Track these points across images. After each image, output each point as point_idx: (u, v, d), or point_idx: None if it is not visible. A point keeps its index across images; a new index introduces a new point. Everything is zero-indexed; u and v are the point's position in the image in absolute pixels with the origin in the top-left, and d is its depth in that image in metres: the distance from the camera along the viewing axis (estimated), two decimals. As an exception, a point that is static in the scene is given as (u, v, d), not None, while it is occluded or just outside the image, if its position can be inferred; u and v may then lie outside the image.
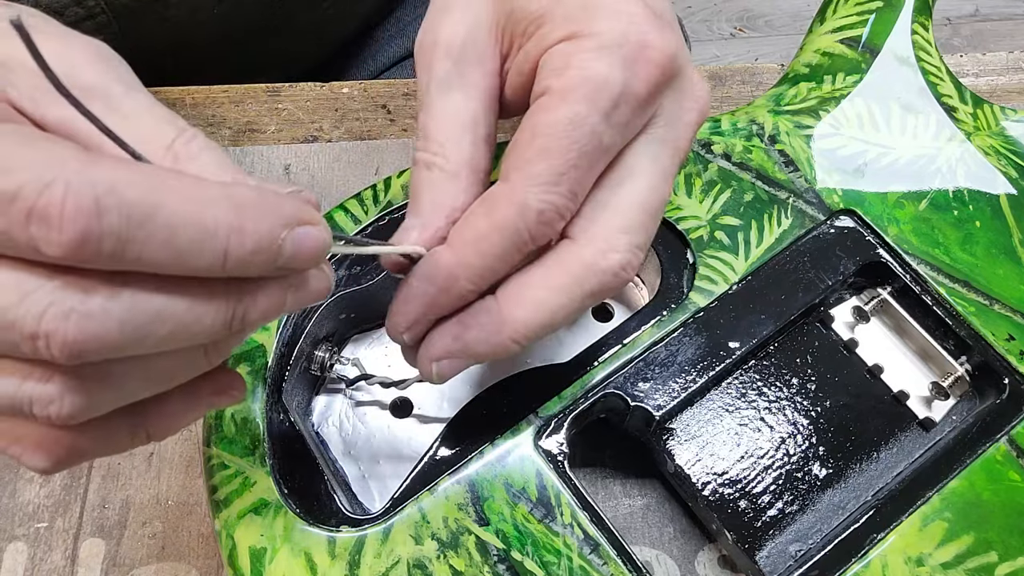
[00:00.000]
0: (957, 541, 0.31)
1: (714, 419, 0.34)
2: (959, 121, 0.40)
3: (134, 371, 0.22)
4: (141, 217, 0.19)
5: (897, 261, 0.37)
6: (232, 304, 0.22)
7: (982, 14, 1.67)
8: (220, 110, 0.47)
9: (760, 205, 0.37)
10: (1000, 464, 0.33)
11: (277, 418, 0.33)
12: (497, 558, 0.30)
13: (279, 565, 0.29)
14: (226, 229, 0.20)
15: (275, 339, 0.34)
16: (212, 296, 0.21)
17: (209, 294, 0.21)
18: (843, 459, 0.34)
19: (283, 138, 0.47)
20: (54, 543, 0.35)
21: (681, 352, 0.34)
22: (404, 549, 0.30)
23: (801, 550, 0.32)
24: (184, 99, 0.47)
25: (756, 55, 1.59)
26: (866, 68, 0.41)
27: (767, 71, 0.51)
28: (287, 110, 0.48)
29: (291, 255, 0.22)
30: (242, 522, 0.30)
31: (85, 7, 0.48)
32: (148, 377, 0.22)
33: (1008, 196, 0.38)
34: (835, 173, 0.38)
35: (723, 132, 0.39)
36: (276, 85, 0.48)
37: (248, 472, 0.31)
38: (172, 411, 0.24)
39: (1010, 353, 0.35)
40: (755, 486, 0.33)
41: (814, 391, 0.35)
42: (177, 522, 0.36)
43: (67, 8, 0.48)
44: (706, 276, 0.36)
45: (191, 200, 0.20)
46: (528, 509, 0.31)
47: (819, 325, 0.37)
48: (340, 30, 0.60)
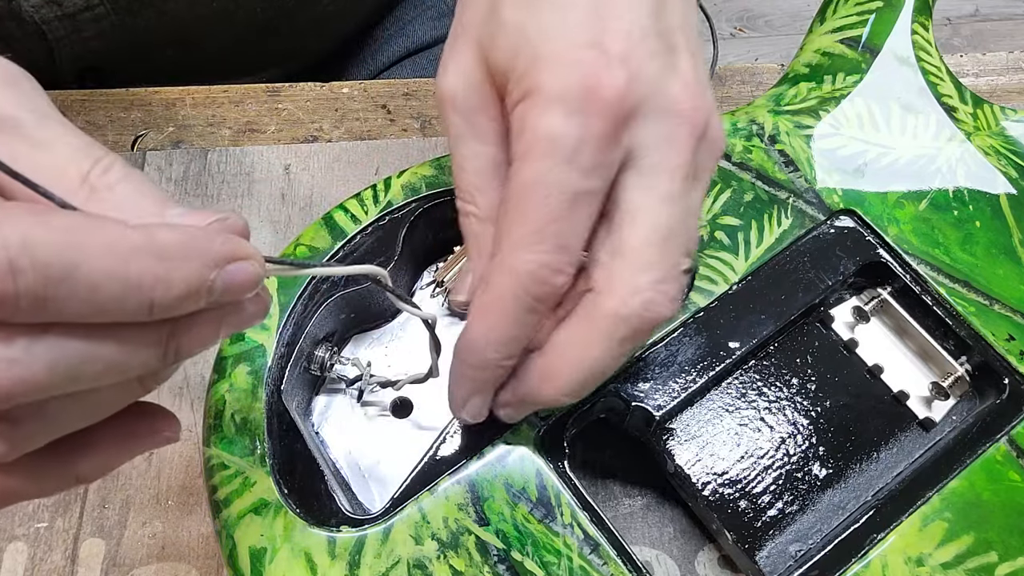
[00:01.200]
0: (957, 541, 0.31)
1: (714, 419, 0.34)
2: (959, 121, 0.40)
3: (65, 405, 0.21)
4: (59, 275, 0.19)
5: (897, 261, 0.37)
6: (165, 339, 0.22)
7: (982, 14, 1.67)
8: (220, 110, 0.47)
9: (760, 205, 0.37)
10: (1000, 464, 0.33)
11: (277, 418, 0.33)
12: (497, 558, 0.30)
13: (279, 565, 0.29)
14: (151, 280, 0.20)
15: (275, 339, 0.34)
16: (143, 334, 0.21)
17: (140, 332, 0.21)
18: (843, 459, 0.34)
19: (283, 138, 0.47)
20: (54, 543, 0.35)
21: (681, 352, 0.34)
22: (404, 549, 0.30)
23: (801, 550, 0.32)
24: (184, 99, 0.47)
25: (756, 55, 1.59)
26: (866, 68, 0.41)
27: (767, 71, 0.51)
28: (287, 110, 0.48)
29: (222, 291, 0.21)
30: (242, 522, 0.30)
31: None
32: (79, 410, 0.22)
33: (1008, 196, 0.38)
34: (835, 173, 0.38)
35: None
36: (276, 85, 0.48)
37: (248, 472, 0.31)
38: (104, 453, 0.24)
39: (1010, 353, 0.35)
40: (755, 486, 0.33)
41: (814, 391, 0.35)
42: (177, 522, 0.36)
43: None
44: (706, 276, 0.36)
45: (112, 253, 0.19)
46: (528, 509, 0.31)
47: (819, 325, 0.37)
48: (340, 27, 0.60)
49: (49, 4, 0.47)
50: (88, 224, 0.19)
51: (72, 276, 0.19)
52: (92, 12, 0.48)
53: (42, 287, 0.18)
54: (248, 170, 0.45)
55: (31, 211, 0.19)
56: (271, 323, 0.34)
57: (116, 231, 0.20)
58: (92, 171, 0.22)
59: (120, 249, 0.19)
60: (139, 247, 0.20)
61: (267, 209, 0.44)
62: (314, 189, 0.44)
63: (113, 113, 0.47)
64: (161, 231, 0.20)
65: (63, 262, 0.19)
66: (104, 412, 0.23)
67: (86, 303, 0.19)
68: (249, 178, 0.45)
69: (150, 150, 0.45)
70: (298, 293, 0.34)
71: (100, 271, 0.19)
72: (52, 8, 0.47)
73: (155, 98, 0.47)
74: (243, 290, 0.22)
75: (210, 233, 0.21)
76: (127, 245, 0.20)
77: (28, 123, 0.22)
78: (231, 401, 0.33)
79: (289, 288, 0.35)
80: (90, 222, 0.20)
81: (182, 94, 0.48)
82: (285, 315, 0.34)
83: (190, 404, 0.38)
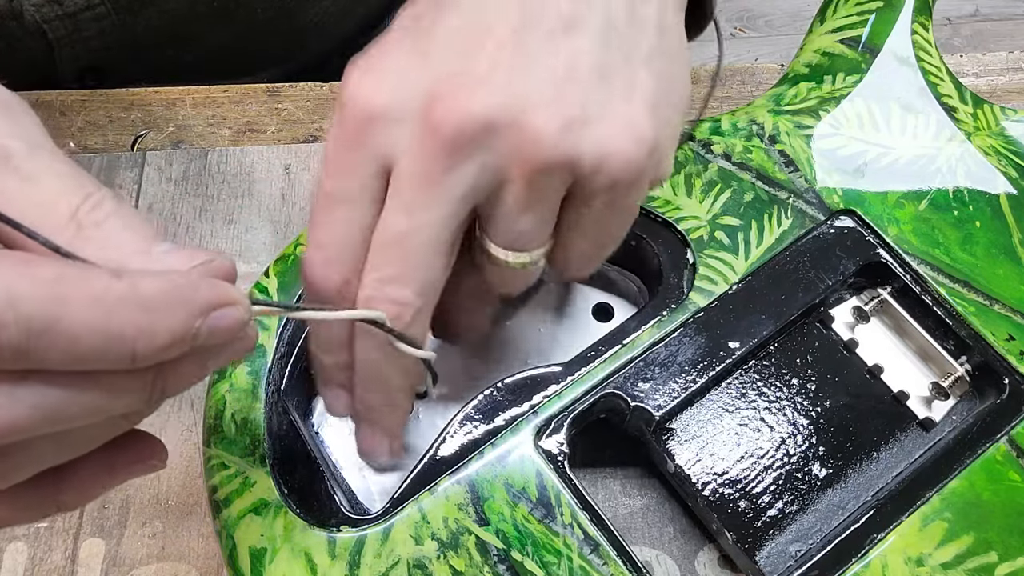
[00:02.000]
0: (957, 541, 0.31)
1: (714, 419, 0.34)
2: (959, 121, 0.40)
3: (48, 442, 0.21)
4: (40, 328, 0.19)
5: (897, 261, 0.37)
6: (149, 381, 0.21)
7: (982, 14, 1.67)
8: (220, 110, 0.47)
9: (760, 205, 0.37)
10: (1000, 464, 0.33)
11: (277, 418, 0.33)
12: (497, 558, 0.30)
13: (279, 565, 0.29)
14: (134, 332, 0.20)
15: (275, 339, 0.34)
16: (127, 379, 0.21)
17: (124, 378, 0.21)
18: (843, 459, 0.34)
19: (283, 138, 0.47)
20: (54, 543, 0.35)
21: (681, 352, 0.34)
22: (404, 549, 0.30)
23: (801, 550, 0.32)
24: (184, 99, 0.47)
25: (756, 55, 1.59)
26: (866, 68, 0.41)
27: (767, 71, 0.51)
28: (287, 110, 0.48)
29: (207, 337, 0.21)
30: (242, 522, 0.30)
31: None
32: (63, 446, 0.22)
33: (1008, 196, 0.38)
34: (835, 173, 0.38)
35: (723, 132, 0.39)
36: (276, 85, 0.48)
37: (248, 472, 0.31)
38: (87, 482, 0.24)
39: (1010, 353, 0.35)
40: (755, 486, 0.33)
41: (814, 391, 0.35)
42: (177, 522, 0.36)
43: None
44: (706, 276, 0.36)
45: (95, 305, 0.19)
46: (528, 509, 0.31)
47: (819, 325, 0.37)
48: (340, 27, 0.60)
49: (50, 3, 0.47)
50: (72, 276, 0.19)
51: (53, 329, 0.19)
52: (93, 11, 0.48)
53: (24, 340, 0.18)
54: (248, 170, 0.45)
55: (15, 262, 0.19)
56: (271, 323, 0.34)
57: (99, 283, 0.20)
58: (81, 207, 0.22)
59: (103, 301, 0.19)
60: (122, 298, 0.20)
61: (267, 209, 0.44)
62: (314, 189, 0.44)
63: (113, 113, 0.47)
64: (144, 281, 0.20)
65: (45, 316, 0.19)
66: (88, 447, 0.23)
67: (67, 354, 0.19)
68: (249, 178, 0.45)
69: (150, 150, 0.45)
70: (298, 294, 0.35)
71: (81, 324, 0.19)
72: (53, 7, 0.47)
73: (155, 98, 0.47)
74: (228, 335, 0.22)
75: (194, 280, 0.21)
76: (110, 297, 0.20)
77: (19, 154, 0.22)
78: (231, 401, 0.33)
79: (289, 289, 0.35)
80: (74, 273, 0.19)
81: (182, 94, 0.48)
82: (285, 316, 0.34)
83: (190, 404, 0.38)
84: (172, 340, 0.21)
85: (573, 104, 0.26)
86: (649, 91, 0.27)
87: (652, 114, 0.27)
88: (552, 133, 0.25)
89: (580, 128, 0.26)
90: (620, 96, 0.27)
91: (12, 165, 0.22)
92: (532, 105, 0.25)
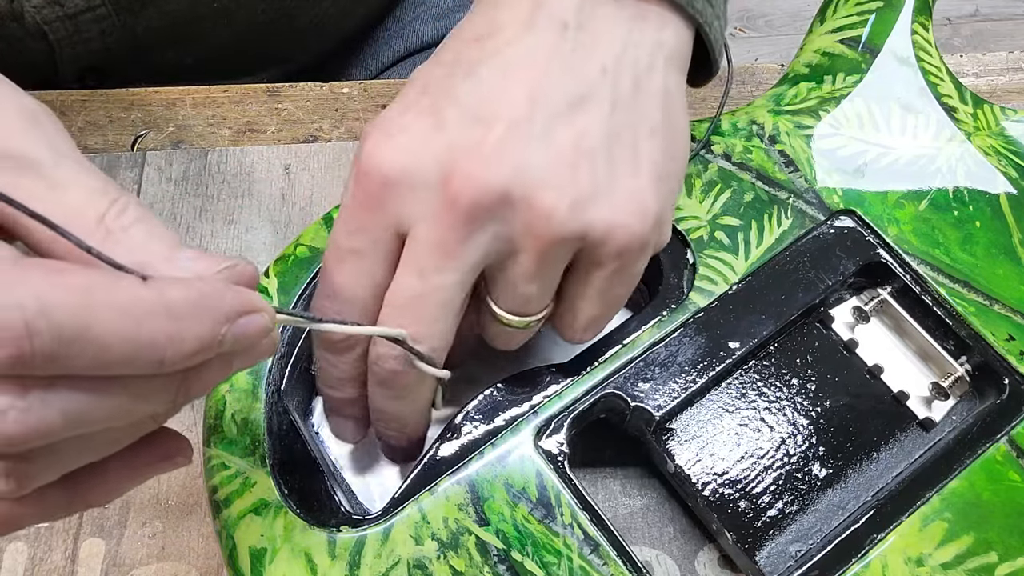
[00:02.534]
0: (957, 541, 0.31)
1: (714, 419, 0.34)
2: (959, 121, 0.40)
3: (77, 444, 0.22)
4: (72, 336, 0.19)
5: (897, 261, 0.37)
6: (175, 385, 0.22)
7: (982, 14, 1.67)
8: (220, 110, 0.47)
9: (760, 205, 0.37)
10: (1000, 464, 0.33)
11: (277, 418, 0.33)
12: (497, 558, 0.30)
13: (279, 565, 0.29)
14: (163, 339, 0.20)
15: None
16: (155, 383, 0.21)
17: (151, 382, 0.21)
18: (843, 459, 0.34)
19: (283, 138, 0.47)
20: (54, 543, 0.35)
21: (681, 352, 0.34)
22: (404, 549, 0.30)
23: (801, 550, 0.32)
24: (184, 99, 0.47)
25: (756, 55, 1.59)
26: (866, 68, 0.41)
27: (767, 71, 0.51)
28: (287, 110, 0.48)
29: (233, 343, 0.22)
30: (242, 522, 0.30)
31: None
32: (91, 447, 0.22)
33: (1008, 196, 0.38)
34: (835, 173, 0.38)
35: (723, 132, 0.39)
36: (276, 85, 0.48)
37: (248, 472, 0.31)
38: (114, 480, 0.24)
39: (1010, 353, 0.35)
40: (755, 486, 0.33)
41: (814, 391, 0.35)
42: (177, 522, 0.36)
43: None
44: (706, 276, 0.36)
45: (126, 315, 0.20)
46: (528, 509, 0.31)
47: (819, 325, 0.37)
48: (340, 28, 0.60)
49: (51, 5, 0.47)
50: (102, 284, 0.20)
51: (84, 336, 0.19)
52: (94, 12, 0.48)
53: (55, 347, 0.19)
54: (248, 170, 0.45)
55: (47, 271, 0.19)
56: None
57: (129, 291, 0.20)
58: (108, 212, 0.22)
59: (132, 309, 0.20)
60: (152, 308, 0.20)
61: (267, 209, 0.44)
62: (314, 189, 0.45)
63: (113, 113, 0.47)
64: (172, 288, 0.21)
65: (76, 324, 0.19)
66: (116, 447, 0.23)
67: (96, 360, 0.20)
68: (249, 178, 0.45)
69: (150, 150, 0.45)
70: (298, 293, 0.35)
71: (111, 332, 0.19)
72: (54, 9, 0.47)
73: (155, 98, 0.47)
74: (253, 341, 0.22)
75: (220, 287, 0.22)
76: (139, 305, 0.20)
77: (47, 163, 0.23)
78: (231, 401, 0.33)
79: (290, 289, 0.35)
80: (104, 281, 0.20)
81: (182, 94, 0.48)
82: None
83: (190, 404, 0.38)
84: (199, 347, 0.21)
85: (582, 181, 0.27)
86: (654, 163, 0.29)
87: (656, 187, 0.29)
88: (563, 210, 0.27)
89: (589, 204, 0.27)
90: (626, 170, 0.28)
91: (42, 174, 0.22)
92: (543, 182, 0.27)
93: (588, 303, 0.30)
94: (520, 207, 0.27)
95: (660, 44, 0.30)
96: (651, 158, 0.29)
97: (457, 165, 0.27)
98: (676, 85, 0.30)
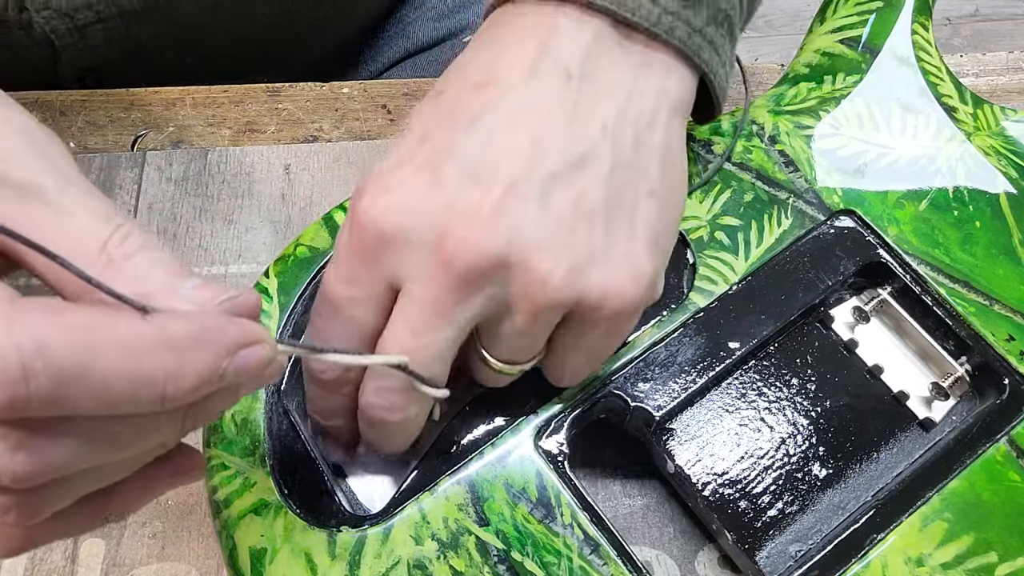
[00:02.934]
0: (957, 541, 0.31)
1: (714, 419, 0.34)
2: (959, 121, 0.40)
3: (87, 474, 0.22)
4: (71, 376, 0.19)
5: (897, 261, 0.37)
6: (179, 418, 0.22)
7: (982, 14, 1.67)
8: (220, 110, 0.47)
9: (760, 205, 0.37)
10: (1000, 464, 0.33)
11: (277, 418, 0.33)
12: (497, 558, 0.30)
13: (279, 566, 0.29)
14: (163, 376, 0.20)
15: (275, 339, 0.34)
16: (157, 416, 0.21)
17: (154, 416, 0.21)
18: (843, 459, 0.34)
19: (283, 138, 0.47)
20: (54, 543, 0.35)
21: (681, 352, 0.34)
22: (404, 549, 0.30)
23: (801, 550, 0.32)
24: (184, 99, 0.47)
25: (756, 55, 1.59)
26: (866, 68, 0.41)
27: (767, 71, 0.51)
28: (287, 110, 0.48)
29: (234, 375, 0.22)
30: (242, 522, 0.30)
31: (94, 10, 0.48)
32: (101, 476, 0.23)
33: (1008, 196, 0.38)
34: (835, 173, 0.38)
35: (723, 132, 0.39)
36: (276, 85, 0.48)
37: (248, 473, 0.31)
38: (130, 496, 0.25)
39: (1010, 353, 0.35)
40: (755, 486, 0.33)
41: (814, 391, 0.35)
42: (177, 522, 0.36)
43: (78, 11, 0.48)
44: (706, 276, 0.36)
45: (126, 352, 0.20)
46: (528, 509, 0.31)
47: (819, 325, 0.37)
48: (340, 29, 0.60)
49: (61, 17, 0.47)
50: (100, 322, 0.20)
51: (83, 377, 0.19)
52: (103, 24, 0.48)
53: (54, 389, 0.19)
54: (248, 170, 0.45)
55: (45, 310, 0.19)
56: (271, 323, 0.34)
57: (128, 327, 0.20)
58: (111, 240, 0.22)
59: (132, 346, 0.20)
60: (152, 344, 0.20)
61: (267, 209, 0.44)
62: (314, 189, 0.44)
63: (113, 113, 0.47)
64: (172, 323, 0.21)
65: (75, 364, 0.19)
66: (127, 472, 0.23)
67: (99, 400, 0.19)
68: (249, 178, 0.45)
69: (150, 150, 0.45)
70: (298, 294, 0.35)
71: (111, 370, 0.19)
72: (64, 20, 0.47)
73: (155, 98, 0.47)
74: (255, 373, 0.22)
75: (221, 320, 0.22)
76: (139, 341, 0.20)
77: (50, 189, 0.23)
78: (231, 401, 0.33)
79: (289, 289, 0.35)
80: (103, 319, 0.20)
81: (182, 94, 0.48)
82: (285, 315, 0.34)
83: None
84: (200, 382, 0.21)
85: (579, 246, 0.27)
86: (649, 226, 0.29)
87: (651, 250, 0.29)
88: (559, 277, 0.27)
89: (585, 269, 0.27)
90: (623, 233, 0.28)
91: (45, 200, 0.22)
92: (540, 246, 0.27)
93: (577, 356, 0.30)
94: (516, 271, 0.27)
95: (664, 92, 0.30)
96: (647, 220, 0.29)
97: (453, 228, 0.26)
98: (677, 134, 0.30)
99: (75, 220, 0.22)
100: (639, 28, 0.29)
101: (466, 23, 0.61)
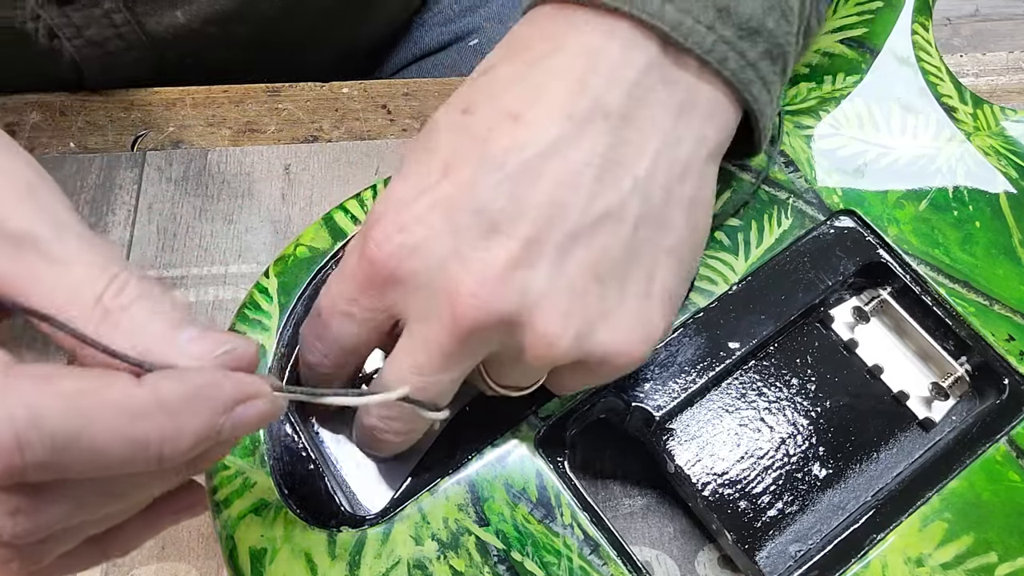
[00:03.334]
0: (957, 541, 0.31)
1: (714, 419, 0.34)
2: (959, 121, 0.40)
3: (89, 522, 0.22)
4: (65, 443, 0.19)
5: (897, 261, 0.37)
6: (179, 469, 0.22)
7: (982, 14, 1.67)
8: (220, 110, 0.47)
9: (760, 205, 0.37)
10: (1000, 464, 0.33)
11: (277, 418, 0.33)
12: (497, 559, 0.30)
13: (279, 566, 0.29)
14: (159, 438, 0.20)
15: (275, 339, 0.34)
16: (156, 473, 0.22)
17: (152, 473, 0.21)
18: (843, 459, 0.34)
19: (283, 138, 0.47)
20: (54, 543, 0.35)
21: (681, 352, 0.34)
22: (404, 549, 0.30)
23: (801, 550, 0.32)
24: (184, 99, 0.47)
25: (756, 55, 1.59)
26: (866, 68, 0.41)
27: (767, 71, 0.50)
28: (287, 110, 0.48)
29: (232, 430, 0.22)
30: (242, 522, 0.30)
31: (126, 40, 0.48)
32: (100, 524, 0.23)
33: (1008, 196, 0.38)
34: (835, 173, 0.38)
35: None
36: (276, 85, 0.48)
37: (248, 473, 0.31)
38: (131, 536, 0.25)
39: (1010, 353, 0.35)
40: (755, 486, 0.33)
41: (814, 391, 0.35)
42: (177, 522, 0.36)
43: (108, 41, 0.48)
44: (706, 276, 0.36)
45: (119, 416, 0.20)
46: (528, 509, 0.31)
47: (819, 325, 0.37)
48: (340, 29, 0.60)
49: (91, 46, 0.47)
50: (94, 387, 0.20)
51: (77, 442, 0.19)
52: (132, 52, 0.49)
53: (49, 455, 0.19)
54: (248, 170, 0.45)
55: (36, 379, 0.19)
56: (271, 323, 0.34)
57: (122, 392, 0.20)
58: (107, 291, 0.22)
59: (125, 410, 0.20)
60: (146, 407, 0.20)
61: (267, 209, 0.44)
62: (314, 189, 0.45)
63: (113, 113, 0.47)
64: (166, 384, 0.21)
65: (68, 431, 0.19)
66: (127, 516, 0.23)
67: (93, 464, 0.20)
68: (249, 178, 0.45)
69: (150, 150, 0.45)
70: (298, 294, 0.35)
71: (105, 434, 0.19)
72: (94, 49, 0.48)
73: (155, 98, 0.47)
74: (253, 426, 0.22)
75: (218, 377, 0.22)
76: (133, 405, 0.20)
77: (46, 239, 0.22)
78: (231, 401, 0.33)
79: (290, 289, 0.35)
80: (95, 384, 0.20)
81: (182, 94, 0.48)
82: (285, 315, 0.34)
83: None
84: (197, 441, 0.21)
85: (591, 307, 0.27)
86: (666, 285, 0.28)
87: (665, 306, 0.28)
88: (567, 340, 0.26)
89: (594, 329, 0.27)
90: (638, 290, 0.27)
91: (40, 250, 0.22)
92: (551, 308, 0.26)
93: (579, 384, 0.30)
94: (524, 330, 0.26)
95: (702, 140, 0.28)
96: (664, 278, 0.28)
97: (464, 283, 0.26)
98: (709, 180, 0.29)
99: (71, 271, 0.22)
100: (691, 54, 0.28)
101: (473, 27, 0.61)
